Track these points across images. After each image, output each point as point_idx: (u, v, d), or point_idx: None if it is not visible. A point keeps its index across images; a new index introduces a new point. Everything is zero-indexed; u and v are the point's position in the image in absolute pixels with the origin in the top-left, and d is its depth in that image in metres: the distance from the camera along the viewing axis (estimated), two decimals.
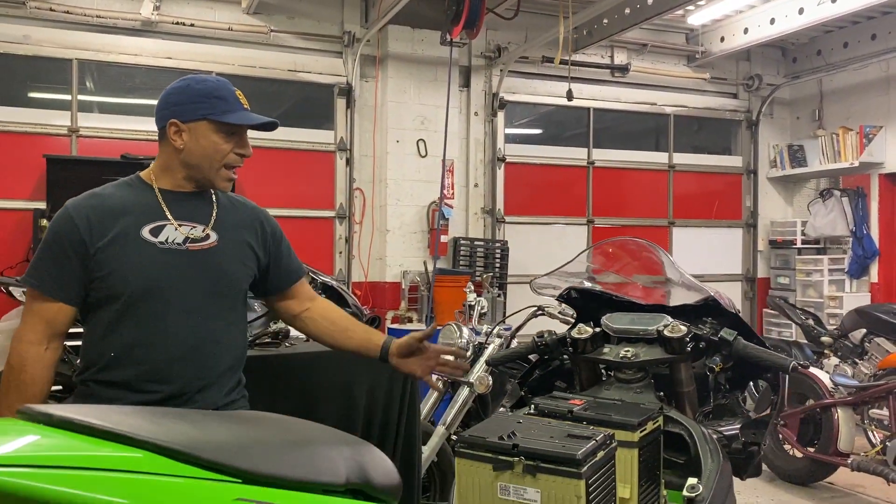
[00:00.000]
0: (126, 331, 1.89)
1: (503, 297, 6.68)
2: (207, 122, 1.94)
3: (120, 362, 1.89)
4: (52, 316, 1.89)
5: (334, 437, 1.08)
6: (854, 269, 7.74)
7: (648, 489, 1.95)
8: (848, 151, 7.49)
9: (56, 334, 1.91)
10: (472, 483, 1.72)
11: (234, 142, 1.98)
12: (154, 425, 0.90)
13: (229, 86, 2.01)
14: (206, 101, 1.95)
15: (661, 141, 8.20)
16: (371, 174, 6.76)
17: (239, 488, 0.85)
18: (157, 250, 1.91)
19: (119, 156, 5.71)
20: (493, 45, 7.16)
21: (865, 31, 7.44)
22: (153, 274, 1.90)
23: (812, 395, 4.83)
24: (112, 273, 1.88)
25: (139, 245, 1.90)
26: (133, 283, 1.88)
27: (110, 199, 1.95)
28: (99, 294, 1.90)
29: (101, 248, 1.88)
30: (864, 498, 4.73)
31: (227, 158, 1.98)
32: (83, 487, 0.75)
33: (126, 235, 1.90)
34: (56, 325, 1.90)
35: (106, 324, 1.90)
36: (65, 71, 5.89)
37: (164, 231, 1.94)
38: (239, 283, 2.06)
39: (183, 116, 1.96)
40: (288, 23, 6.54)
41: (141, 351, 1.89)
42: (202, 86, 1.98)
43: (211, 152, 1.96)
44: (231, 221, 2.07)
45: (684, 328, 2.16)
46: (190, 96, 1.96)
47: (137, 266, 1.89)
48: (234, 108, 1.96)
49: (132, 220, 1.92)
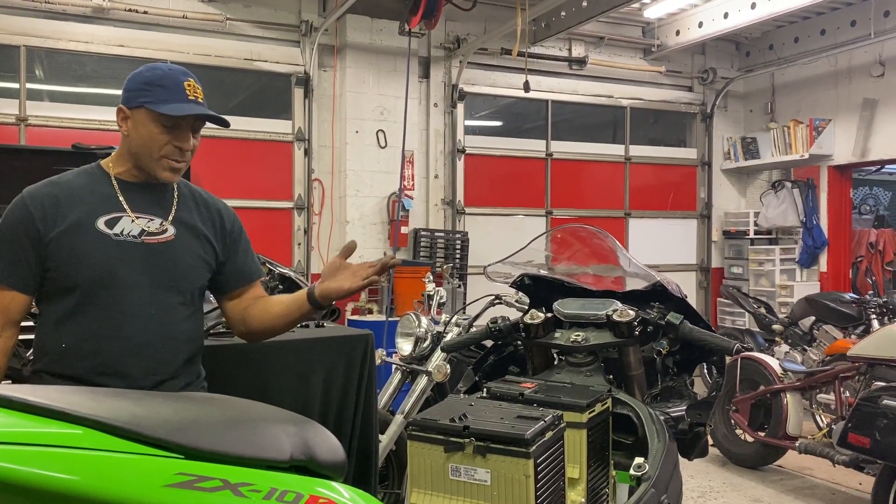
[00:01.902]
0: (79, 323, 1.86)
1: (463, 287, 6.72)
2: (146, 110, 1.89)
3: (72, 354, 1.86)
4: (6, 305, 1.87)
5: (279, 416, 1.09)
6: (804, 258, 7.95)
7: (597, 469, 1.99)
8: (798, 144, 7.69)
9: (9, 322, 1.88)
10: (424, 465, 1.74)
11: (174, 134, 1.92)
12: (94, 402, 0.90)
13: (180, 75, 1.94)
14: (147, 90, 1.90)
15: (618, 133, 8.31)
16: (330, 165, 6.73)
17: (180, 463, 0.85)
18: (112, 242, 1.89)
19: (70, 145, 5.59)
20: (453, 37, 7.18)
21: (815, 26, 7.63)
22: (106, 266, 1.87)
23: (763, 381, 4.96)
24: (65, 264, 1.86)
25: (93, 236, 1.87)
26: (86, 274, 1.86)
27: (67, 188, 1.92)
28: (52, 285, 1.88)
29: (55, 237, 1.85)
30: (811, 479, 4.88)
31: (164, 150, 1.92)
32: (20, 462, 0.75)
33: (80, 226, 1.87)
34: (10, 313, 1.87)
35: (59, 315, 1.88)
36: (12, 58, 5.74)
37: (120, 223, 1.91)
38: (196, 279, 2.03)
39: (127, 103, 1.93)
40: (244, 11, 6.47)
41: (93, 344, 1.86)
42: (150, 73, 1.93)
43: (148, 141, 1.91)
44: (190, 215, 2.04)
45: (632, 312, 2.20)
46: (136, 83, 1.93)
47: (90, 258, 1.86)
48: (172, 99, 1.89)
49: (88, 211, 1.89)
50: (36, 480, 0.75)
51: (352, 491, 1.04)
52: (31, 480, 0.75)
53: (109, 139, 5.60)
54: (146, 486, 0.81)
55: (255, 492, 0.87)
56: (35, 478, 0.76)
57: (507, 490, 1.65)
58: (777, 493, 4.64)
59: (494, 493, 1.66)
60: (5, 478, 0.75)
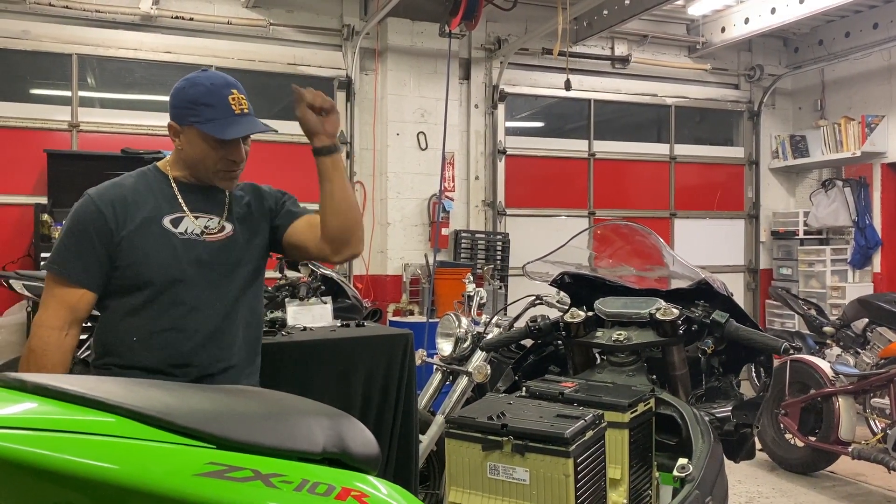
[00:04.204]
0: (148, 317, 1.94)
1: (504, 289, 6.68)
2: (196, 129, 1.94)
3: (143, 347, 1.93)
4: (75, 302, 1.92)
5: (312, 408, 1.09)
6: (857, 259, 7.72)
7: (640, 470, 1.95)
8: (850, 141, 7.47)
9: (76, 320, 1.94)
10: (462, 463, 1.73)
11: (226, 149, 1.96)
12: (128, 392, 0.91)
13: (223, 89, 1.95)
14: (193, 109, 1.93)
15: (663, 132, 8.18)
16: (371, 167, 6.76)
17: (212, 453, 0.86)
18: (178, 240, 1.97)
19: (119, 150, 5.73)
20: (493, 37, 7.16)
21: (867, 19, 7.41)
22: (175, 263, 1.94)
23: (813, 384, 4.82)
24: (137, 262, 1.92)
25: (161, 235, 1.95)
26: (157, 272, 1.93)
27: (131, 189, 1.99)
28: (121, 281, 1.94)
29: (126, 236, 1.92)
30: (866, 486, 4.72)
31: (219, 164, 1.98)
32: (52, 448, 0.76)
33: (149, 225, 1.95)
34: (78, 311, 1.93)
35: (127, 310, 1.94)
36: (65, 66, 5.90)
37: (184, 222, 1.99)
38: (256, 264, 2.12)
39: (177, 120, 1.98)
40: (287, 16, 6.55)
41: (163, 338, 1.94)
42: (194, 90, 1.95)
43: (202, 157, 1.97)
44: (244, 209, 2.11)
45: (676, 311, 2.16)
46: (181, 100, 1.97)
47: (160, 255, 1.94)
48: (219, 116, 1.92)
49: (153, 210, 1.97)
50: (67, 467, 0.76)
51: (388, 485, 1.03)
52: (63, 467, 0.76)
53: (157, 144, 5.73)
54: (177, 474, 0.81)
55: (286, 483, 0.87)
56: (67, 464, 0.76)
57: (547, 490, 1.63)
58: (829, 499, 4.50)
59: (533, 492, 1.64)
60: (38, 464, 0.76)
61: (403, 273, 6.62)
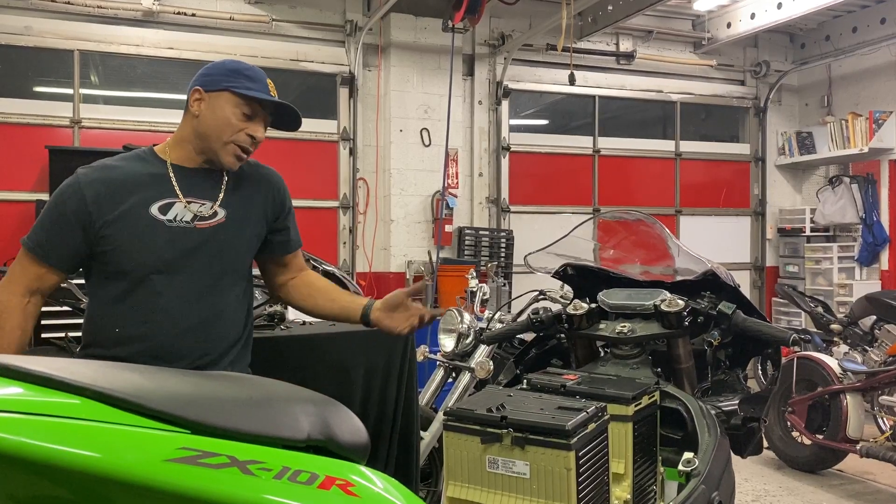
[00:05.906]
0: (131, 307, 1.89)
1: (508, 286, 6.63)
2: (229, 93, 1.95)
3: (125, 337, 1.89)
4: (39, 276, 1.91)
5: (298, 394, 1.03)
6: (864, 256, 7.64)
7: (644, 465, 1.90)
8: (857, 138, 7.39)
9: (39, 291, 1.93)
10: (461, 457, 1.68)
11: (250, 122, 1.98)
12: (97, 374, 0.86)
13: (263, 74, 2.04)
14: (233, 76, 1.96)
15: (668, 129, 8.12)
16: (374, 164, 6.72)
17: (184, 438, 0.80)
18: (165, 229, 1.91)
19: (121, 146, 5.68)
20: (497, 33, 7.10)
21: (874, 14, 7.33)
22: (160, 252, 1.90)
23: (820, 381, 4.76)
24: (118, 249, 1.88)
25: (147, 223, 1.90)
26: (140, 260, 1.88)
27: (121, 173, 1.94)
28: (104, 269, 1.91)
29: (109, 222, 1.88)
30: (874, 485, 4.66)
31: (236, 136, 1.96)
32: (6, 430, 0.71)
33: (135, 212, 1.90)
34: (41, 284, 1.92)
35: (111, 299, 1.91)
36: (67, 62, 5.87)
37: (173, 209, 1.94)
38: (247, 256, 2.09)
39: (207, 86, 1.97)
40: (289, 12, 6.51)
41: (147, 328, 1.89)
42: (235, 64, 2.01)
43: (223, 124, 1.94)
44: (242, 194, 2.06)
45: (681, 302, 2.10)
46: (220, 70, 1.99)
47: (145, 244, 1.89)
48: (258, 89, 1.97)
49: (141, 196, 1.92)
50: (25, 449, 0.71)
51: (378, 475, 0.98)
52: (19, 450, 0.71)
53: (159, 139, 5.62)
54: (144, 459, 0.75)
55: (265, 470, 0.81)
56: (22, 447, 0.71)
57: (548, 484, 1.58)
58: (837, 497, 4.43)
59: (534, 486, 1.59)
60: None
61: (407, 270, 6.57)
